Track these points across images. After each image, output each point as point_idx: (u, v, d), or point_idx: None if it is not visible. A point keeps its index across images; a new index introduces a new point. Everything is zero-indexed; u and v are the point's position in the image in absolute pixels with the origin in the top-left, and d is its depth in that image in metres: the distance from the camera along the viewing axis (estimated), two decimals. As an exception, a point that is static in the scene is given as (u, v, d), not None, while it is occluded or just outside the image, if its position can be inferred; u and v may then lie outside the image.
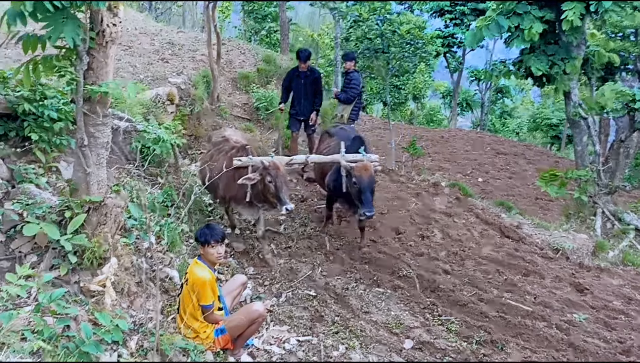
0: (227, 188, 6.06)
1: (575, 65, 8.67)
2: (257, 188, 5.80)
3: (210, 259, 4.35)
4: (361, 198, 6.08)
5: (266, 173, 5.69)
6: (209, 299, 4.26)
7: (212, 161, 6.17)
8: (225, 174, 5.71)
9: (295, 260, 6.63)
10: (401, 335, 5.17)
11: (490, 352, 4.94)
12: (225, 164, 5.81)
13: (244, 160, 5.91)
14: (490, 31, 8.34)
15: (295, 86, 9.09)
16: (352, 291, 5.94)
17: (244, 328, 4.39)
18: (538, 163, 17.20)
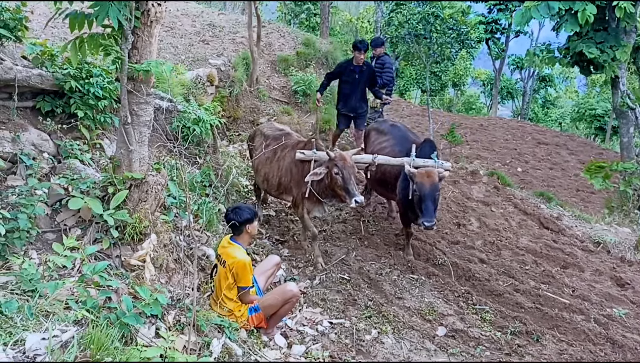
0: (297, 186, 5.82)
1: (625, 52, 8.37)
2: (324, 183, 5.54)
3: (253, 234, 4.56)
4: (421, 207, 5.60)
5: (332, 164, 5.41)
6: (249, 281, 4.34)
7: (276, 159, 6.03)
8: (295, 171, 5.71)
9: (330, 244, 6.65)
10: (434, 322, 5.15)
11: (525, 343, 4.88)
12: (292, 160, 5.75)
13: (307, 153, 5.66)
14: (539, 12, 8.10)
15: (347, 81, 8.39)
16: (385, 277, 5.93)
17: (278, 308, 4.45)
18: (581, 154, 16.76)
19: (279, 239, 6.70)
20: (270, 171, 6.04)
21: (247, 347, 4.01)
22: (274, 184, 6.00)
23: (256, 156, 6.29)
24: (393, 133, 6.85)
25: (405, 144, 6.41)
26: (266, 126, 6.75)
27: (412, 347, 4.69)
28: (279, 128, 6.53)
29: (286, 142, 6.05)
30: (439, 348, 4.69)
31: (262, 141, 6.29)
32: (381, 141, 6.83)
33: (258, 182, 6.37)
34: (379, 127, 7.20)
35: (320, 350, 4.46)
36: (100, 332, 2.64)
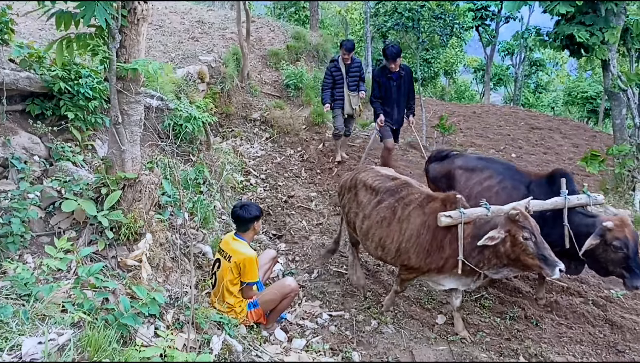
0: (428, 256, 4.40)
1: (615, 34, 8.37)
2: (498, 250, 4.13)
3: (256, 231, 4.64)
4: (629, 266, 4.39)
5: (518, 227, 4.03)
6: (255, 277, 4.39)
7: (396, 219, 4.56)
8: (428, 236, 4.36)
9: (327, 236, 6.65)
10: (433, 310, 5.16)
11: (524, 328, 4.89)
12: (423, 223, 4.40)
13: (454, 216, 4.20)
14: (530, -5, 8.10)
15: (387, 89, 7.73)
16: (383, 267, 5.94)
17: (277, 303, 4.46)
18: (574, 137, 16.76)
19: (275, 234, 6.70)
20: (388, 235, 4.57)
21: (248, 343, 4.01)
22: (391, 250, 4.57)
23: (362, 214, 4.87)
24: (492, 167, 5.46)
25: (518, 178, 5.23)
26: (366, 173, 5.11)
27: (412, 336, 4.69)
28: (387, 175, 5.00)
29: (409, 196, 4.62)
30: (438, 337, 4.70)
31: (370, 196, 4.85)
32: (479, 180, 5.37)
33: (369, 249, 4.90)
34: (466, 164, 5.63)
35: (320, 343, 4.47)
36: (97, 333, 2.63)
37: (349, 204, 5.10)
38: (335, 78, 8.53)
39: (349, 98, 8.61)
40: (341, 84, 8.54)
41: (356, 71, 8.59)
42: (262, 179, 8.09)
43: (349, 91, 8.57)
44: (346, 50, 8.33)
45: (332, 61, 8.67)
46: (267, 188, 7.85)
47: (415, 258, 4.44)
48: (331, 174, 8.48)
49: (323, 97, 8.63)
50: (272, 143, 9.40)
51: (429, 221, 4.38)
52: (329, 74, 8.53)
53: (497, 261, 4.21)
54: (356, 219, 4.93)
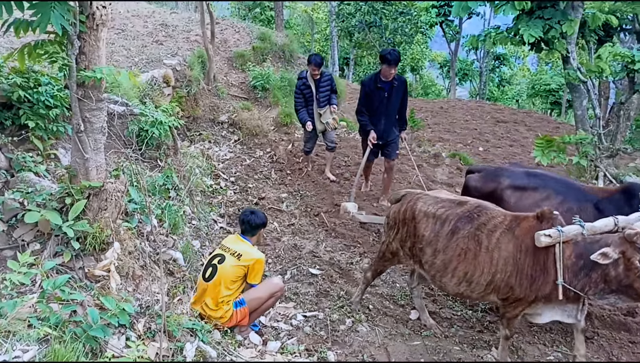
0: (532, 282, 3.90)
1: (572, 27, 8.55)
2: (608, 273, 3.68)
3: (259, 239, 4.76)
4: None
5: (634, 250, 3.56)
6: (260, 278, 4.49)
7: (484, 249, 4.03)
8: (527, 261, 3.89)
9: (299, 237, 6.65)
10: (407, 306, 5.21)
11: (495, 319, 4.97)
12: (518, 247, 3.93)
13: (553, 234, 3.75)
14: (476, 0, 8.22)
15: (375, 101, 7.00)
16: (356, 266, 5.97)
17: (263, 302, 4.50)
18: (538, 129, 17.10)
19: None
20: (476, 268, 4.05)
21: (222, 348, 3.98)
22: (480, 284, 4.06)
23: (431, 249, 4.29)
24: (549, 185, 4.95)
25: (583, 196, 4.78)
26: (423, 201, 4.46)
27: (387, 333, 4.72)
28: (450, 199, 4.43)
29: (492, 221, 4.10)
30: (413, 332, 4.75)
31: (437, 227, 4.27)
32: (535, 202, 4.83)
33: (446, 285, 4.28)
34: (515, 182, 5.10)
35: (295, 345, 4.47)
36: (65, 347, 2.57)
37: (408, 238, 4.48)
38: (306, 96, 8.03)
39: (319, 115, 8.14)
40: (311, 101, 8.08)
41: (327, 85, 8.09)
42: (231, 182, 8.03)
43: (319, 108, 8.10)
44: (315, 65, 7.82)
45: (300, 78, 8.13)
46: (237, 190, 7.81)
47: (518, 288, 3.92)
48: (301, 175, 8.47)
49: (301, 118, 8.11)
50: (240, 145, 9.35)
51: (524, 244, 3.91)
52: (299, 92, 8.02)
53: (605, 286, 3.74)
54: (422, 255, 4.33)
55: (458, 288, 4.20)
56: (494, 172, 5.37)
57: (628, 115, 9.49)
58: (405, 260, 4.66)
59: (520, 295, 3.95)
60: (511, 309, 4.08)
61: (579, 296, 3.80)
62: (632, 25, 11.25)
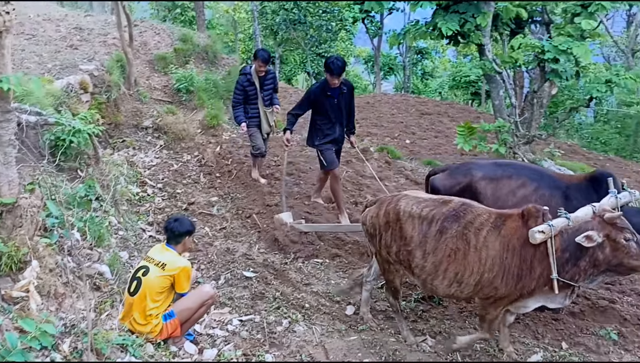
0: (519, 281, 3.89)
1: (486, 19, 8.93)
2: (596, 258, 3.76)
3: (189, 247, 4.59)
4: None
5: (616, 229, 3.70)
6: (188, 286, 4.33)
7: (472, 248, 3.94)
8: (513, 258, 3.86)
9: (232, 240, 6.58)
10: (342, 302, 5.25)
11: (428, 308, 5.12)
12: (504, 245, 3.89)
13: (545, 230, 3.74)
14: (394, -5, 8.43)
15: (326, 108, 6.69)
16: (291, 265, 5.96)
17: (194, 311, 4.37)
18: (461, 120, 17.68)
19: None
20: (465, 268, 3.96)
21: (156, 361, 3.86)
22: (469, 284, 3.99)
23: (420, 251, 4.12)
24: (523, 173, 5.01)
25: (554, 183, 4.91)
26: (406, 201, 4.28)
27: (324, 330, 4.75)
28: (433, 199, 4.32)
29: (478, 219, 4.02)
30: (349, 327, 4.80)
31: (424, 228, 4.10)
32: (511, 190, 4.92)
33: (437, 288, 4.16)
34: (489, 174, 5.06)
35: (232, 351, 4.40)
36: (-20, 378, 2.41)
37: (393, 242, 4.26)
38: (249, 93, 7.56)
39: (265, 115, 7.74)
40: (255, 100, 7.63)
41: (271, 83, 7.76)
42: (159, 189, 7.82)
43: (265, 106, 7.71)
44: (263, 61, 7.42)
45: (244, 73, 7.64)
46: (166, 197, 7.61)
47: (504, 287, 3.90)
48: (231, 177, 8.36)
49: (236, 116, 7.63)
50: (167, 150, 9.11)
51: (511, 243, 3.88)
52: (241, 88, 7.52)
53: (594, 270, 3.83)
54: (412, 258, 4.15)
55: (449, 289, 4.09)
56: (462, 168, 5.33)
57: (541, 103, 10.02)
58: (397, 266, 4.38)
59: (505, 293, 3.93)
60: (492, 309, 4.04)
61: (568, 285, 3.82)
62: (541, 17, 11.87)
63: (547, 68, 8.90)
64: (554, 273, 3.73)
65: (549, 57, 8.49)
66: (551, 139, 13.64)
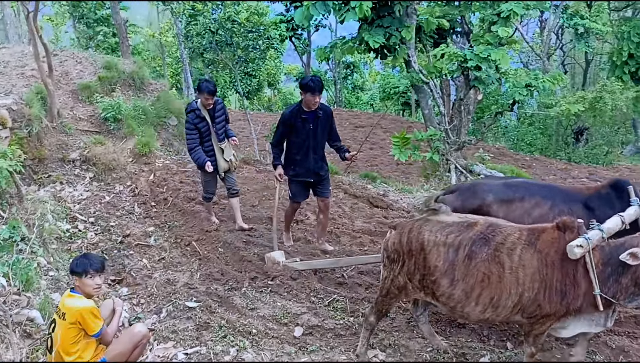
0: (563, 297, 3.67)
1: (410, 32, 9.17)
2: (638, 276, 3.55)
3: (87, 291, 4.06)
4: None
5: None
6: (98, 325, 4.00)
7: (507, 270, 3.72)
8: (555, 274, 3.65)
9: (172, 270, 6.36)
10: (290, 324, 5.16)
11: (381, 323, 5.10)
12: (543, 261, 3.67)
13: (583, 243, 3.54)
14: (317, 9, 8.53)
15: (299, 134, 6.18)
16: (235, 291, 5.81)
17: (128, 355, 4.14)
18: (394, 130, 18.09)
19: (115, 279, 6.22)
20: (502, 291, 3.75)
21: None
22: (507, 306, 3.77)
23: (447, 279, 3.89)
24: (535, 192, 4.83)
25: (570, 197, 4.74)
26: (429, 228, 4.03)
27: (273, 354, 4.65)
28: (457, 222, 4.01)
29: (509, 238, 3.79)
30: (299, 349, 4.71)
31: (451, 255, 3.88)
32: (526, 211, 4.74)
33: (469, 314, 3.93)
34: (500, 195, 4.87)
35: (179, 387, 4.23)
36: None
37: (417, 271, 4.04)
38: (201, 131, 6.85)
39: (221, 151, 7.04)
40: (208, 136, 6.93)
41: (222, 114, 7.04)
42: (91, 223, 7.48)
43: (219, 141, 7.02)
44: (209, 93, 6.71)
45: (191, 110, 6.86)
46: (99, 231, 7.29)
47: (548, 305, 3.68)
48: (167, 205, 8.14)
49: (197, 158, 6.86)
50: (97, 181, 8.76)
51: (549, 257, 3.67)
52: (192, 127, 6.80)
53: (636, 289, 3.61)
54: (436, 287, 3.94)
55: (484, 315, 3.86)
56: (472, 189, 5.13)
57: (468, 109, 10.36)
58: (414, 293, 4.18)
59: (550, 311, 3.71)
60: (539, 326, 3.83)
61: (610, 303, 3.64)
62: (461, 27, 12.33)
63: (470, 76, 9.23)
64: (597, 288, 3.54)
65: (471, 65, 8.81)
66: (480, 144, 14.16)
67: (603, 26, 20.03)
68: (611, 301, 3.61)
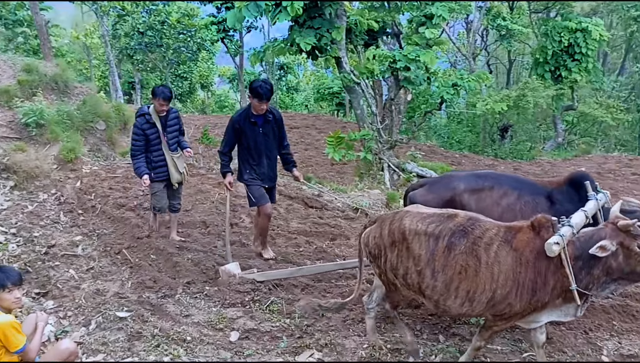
0: (533, 295, 3.72)
1: (340, 33, 9.28)
2: (609, 266, 3.65)
3: (6, 305, 3.85)
4: None
5: (631, 238, 3.60)
6: (20, 341, 3.78)
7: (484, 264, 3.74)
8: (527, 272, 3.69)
9: (101, 280, 6.13)
10: (226, 329, 5.09)
11: (312, 322, 5.11)
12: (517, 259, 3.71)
13: (559, 241, 3.59)
14: (250, 11, 8.49)
15: (250, 139, 6.06)
16: (169, 299, 5.68)
17: None
18: (328, 131, 18.20)
19: (39, 292, 5.93)
20: (478, 285, 3.78)
21: None
22: (481, 301, 3.80)
23: (429, 269, 3.88)
24: (504, 182, 5.00)
25: (535, 189, 4.92)
26: (410, 219, 4.02)
27: (208, 360, 4.57)
28: (438, 213, 4.06)
29: (487, 234, 3.83)
30: (235, 355, 4.66)
31: (431, 245, 3.87)
32: (495, 201, 4.88)
33: (449, 307, 3.93)
34: (471, 185, 5.01)
35: (110, 400, 4.08)
36: None
37: (400, 264, 4.01)
38: (150, 138, 6.46)
39: (173, 161, 6.67)
40: (158, 145, 6.54)
41: (175, 124, 6.68)
42: (12, 234, 7.10)
43: (171, 151, 6.65)
44: (164, 99, 6.37)
45: (141, 114, 6.49)
46: (21, 242, 6.92)
47: (519, 303, 3.72)
48: (95, 213, 7.85)
49: (137, 167, 6.50)
50: (18, 190, 8.33)
51: (524, 256, 3.71)
52: (140, 133, 6.40)
53: (607, 278, 3.72)
54: (421, 279, 3.91)
55: (461, 308, 3.87)
56: (442, 181, 5.25)
57: (399, 109, 10.58)
58: (404, 291, 4.13)
59: (519, 309, 3.76)
60: (502, 323, 3.90)
61: (581, 295, 3.69)
62: (391, 28, 12.59)
63: (400, 76, 9.44)
64: (573, 283, 3.61)
65: (400, 66, 9.03)
66: (412, 143, 14.51)
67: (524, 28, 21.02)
68: (585, 293, 3.69)
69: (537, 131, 23.21)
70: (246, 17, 8.61)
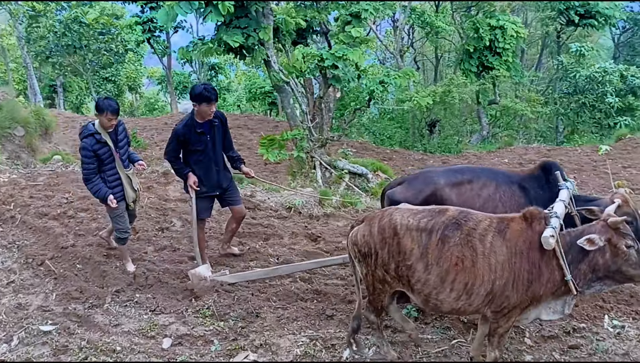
0: (529, 287, 3.72)
1: (267, 33, 9.25)
2: (596, 262, 3.68)
3: None
4: None
5: (619, 236, 3.63)
6: None
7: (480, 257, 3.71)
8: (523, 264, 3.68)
9: (23, 294, 5.84)
10: (158, 336, 4.97)
11: (247, 323, 5.08)
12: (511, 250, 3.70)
13: (553, 233, 3.63)
14: (182, 8, 8.34)
15: (197, 148, 5.83)
16: (97, 309, 5.48)
17: None
18: (260, 130, 18.18)
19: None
20: (477, 277, 3.74)
21: None
22: (480, 294, 3.76)
23: (422, 264, 3.82)
24: (481, 175, 5.12)
25: (509, 179, 5.05)
26: (400, 215, 3.97)
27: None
28: (429, 209, 4.02)
29: (480, 225, 3.83)
30: (167, 361, 4.56)
31: (424, 239, 3.82)
32: (476, 193, 4.99)
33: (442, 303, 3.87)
34: (450, 179, 5.07)
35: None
36: None
37: (391, 259, 3.92)
38: (102, 157, 5.82)
39: (128, 179, 6.10)
40: (112, 164, 5.93)
41: (124, 138, 6.08)
42: None
43: (125, 169, 6.07)
44: (112, 113, 5.71)
45: (89, 135, 5.76)
46: None
47: (515, 295, 3.71)
48: (15, 223, 7.47)
49: (96, 191, 5.86)
50: None
51: (518, 246, 3.72)
52: (91, 155, 5.73)
53: (593, 275, 3.73)
54: (412, 273, 3.86)
55: (457, 303, 3.82)
56: (420, 177, 5.29)
57: (329, 107, 10.67)
58: (394, 284, 4.05)
59: (516, 302, 3.75)
60: (504, 321, 3.85)
61: (568, 290, 3.73)
62: (319, 26, 12.66)
63: (328, 74, 9.50)
64: (568, 274, 3.65)
65: (328, 65, 9.09)
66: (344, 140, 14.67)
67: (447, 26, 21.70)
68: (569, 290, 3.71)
69: (464, 126, 24.03)
70: (179, 14, 8.42)
